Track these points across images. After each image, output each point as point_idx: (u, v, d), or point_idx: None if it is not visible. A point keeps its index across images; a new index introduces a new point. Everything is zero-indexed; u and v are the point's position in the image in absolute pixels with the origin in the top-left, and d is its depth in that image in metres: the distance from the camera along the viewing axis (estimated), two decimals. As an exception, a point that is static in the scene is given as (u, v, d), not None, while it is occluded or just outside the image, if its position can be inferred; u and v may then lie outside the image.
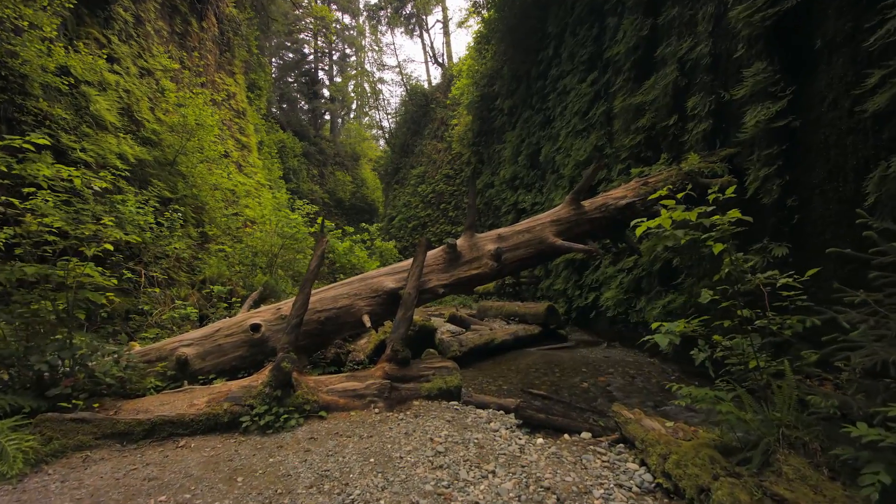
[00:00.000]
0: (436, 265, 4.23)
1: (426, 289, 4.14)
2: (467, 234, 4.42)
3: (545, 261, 4.64)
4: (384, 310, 4.12)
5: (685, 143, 6.24)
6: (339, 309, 3.99)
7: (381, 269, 4.24)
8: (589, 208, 4.62)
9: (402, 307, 3.91)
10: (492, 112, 18.30)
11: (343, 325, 4.02)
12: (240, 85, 17.95)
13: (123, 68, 9.55)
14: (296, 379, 3.35)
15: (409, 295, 3.91)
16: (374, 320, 4.09)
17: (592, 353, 7.23)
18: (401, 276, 4.16)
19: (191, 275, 9.14)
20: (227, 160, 13.16)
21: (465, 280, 4.27)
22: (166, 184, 9.29)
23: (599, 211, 4.60)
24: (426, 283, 4.18)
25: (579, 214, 4.60)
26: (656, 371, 5.86)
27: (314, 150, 40.36)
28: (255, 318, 3.95)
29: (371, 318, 4.03)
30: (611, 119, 9.27)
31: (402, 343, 3.80)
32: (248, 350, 3.86)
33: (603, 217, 4.62)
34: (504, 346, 7.41)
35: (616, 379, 5.44)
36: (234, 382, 3.34)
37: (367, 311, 4.03)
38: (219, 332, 3.90)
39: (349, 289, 4.13)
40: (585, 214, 4.61)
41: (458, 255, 4.32)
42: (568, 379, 5.48)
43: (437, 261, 4.26)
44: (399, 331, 3.85)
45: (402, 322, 3.90)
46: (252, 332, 3.87)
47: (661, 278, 6.69)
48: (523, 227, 4.53)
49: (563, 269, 10.43)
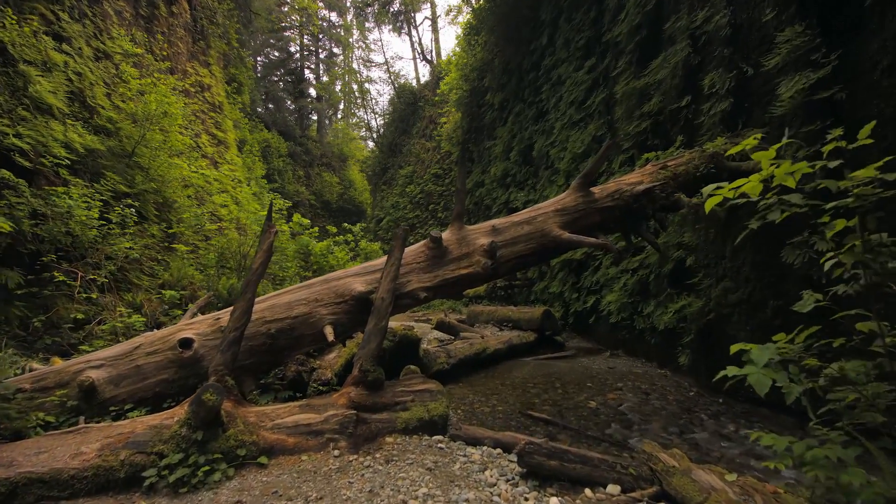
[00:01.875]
0: (416, 264, 3.44)
1: (404, 293, 3.36)
2: (455, 225, 3.65)
3: (548, 258, 3.88)
4: (352, 319, 3.32)
5: (701, 125, 5.53)
6: (294, 319, 3.19)
7: (350, 269, 3.45)
8: (599, 196, 3.88)
9: (374, 316, 3.12)
10: (482, 108, 17.63)
11: (300, 338, 3.21)
12: (216, 77, 17.01)
13: (75, 49, 8.62)
14: (227, 413, 2.55)
15: (383, 300, 3.13)
16: (340, 332, 3.30)
17: (595, 362, 6.49)
18: (373, 276, 3.38)
19: (153, 278, 8.25)
20: (197, 153, 12.23)
21: (453, 281, 3.49)
22: (123, 177, 8.38)
23: (612, 199, 3.86)
24: (404, 285, 3.39)
25: (588, 203, 3.84)
26: (671, 386, 5.13)
27: (300, 150, 39.42)
28: (187, 330, 3.11)
29: (336, 328, 3.24)
30: (611, 107, 8.58)
31: (372, 361, 3.02)
32: (175, 372, 3.04)
33: (616, 206, 3.87)
34: (497, 356, 6.65)
35: (627, 396, 4.69)
36: (143, 420, 2.49)
37: (331, 320, 3.23)
38: (138, 349, 3.05)
39: (308, 293, 3.32)
40: (595, 203, 3.86)
41: (443, 252, 3.54)
42: (572, 396, 4.72)
43: (418, 258, 3.48)
44: (369, 346, 3.06)
45: (373, 335, 3.10)
46: (181, 350, 3.05)
47: (671, 280, 5.98)
48: (522, 218, 3.77)
49: (560, 270, 9.70)
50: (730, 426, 3.84)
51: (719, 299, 5.04)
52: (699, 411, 4.23)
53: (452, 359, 5.79)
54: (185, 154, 11.76)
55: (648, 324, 6.27)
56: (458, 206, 3.65)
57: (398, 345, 4.84)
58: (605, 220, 3.88)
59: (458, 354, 5.91)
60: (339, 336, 3.28)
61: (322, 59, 45.83)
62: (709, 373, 5.12)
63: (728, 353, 5.04)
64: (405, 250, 3.55)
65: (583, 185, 3.90)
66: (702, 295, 5.28)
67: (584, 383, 5.25)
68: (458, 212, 3.65)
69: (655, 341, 6.17)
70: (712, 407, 4.37)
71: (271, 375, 3.94)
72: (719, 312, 4.99)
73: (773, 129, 4.56)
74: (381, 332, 3.09)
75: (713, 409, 4.30)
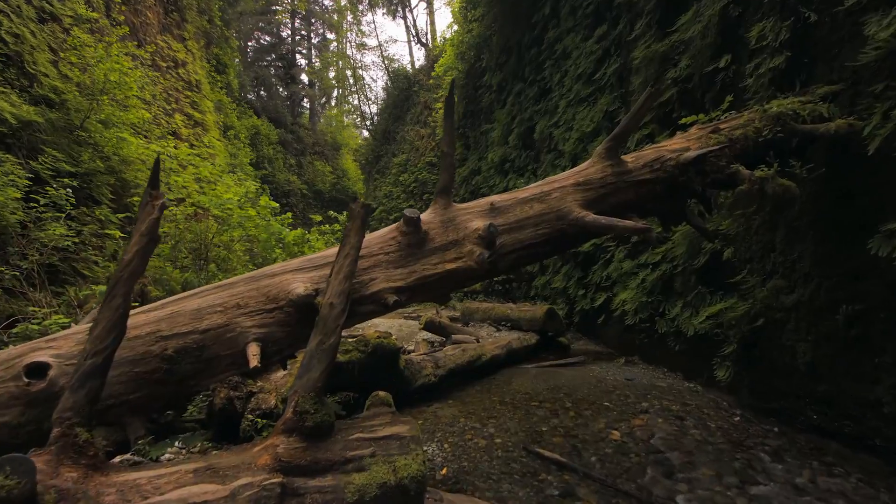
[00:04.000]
0: (384, 255, 2.46)
1: (365, 295, 2.37)
2: (439, 202, 2.66)
3: (564, 248, 2.92)
4: (290, 333, 2.33)
5: (744, 89, 4.54)
6: (204, 333, 2.21)
7: (290, 262, 2.45)
8: (634, 166, 2.89)
9: (318, 330, 2.14)
10: (478, 90, 16.59)
11: (212, 361, 2.23)
12: (193, 54, 15.83)
13: (12, 7, 7.50)
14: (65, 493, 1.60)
15: (331, 307, 2.15)
16: (272, 351, 2.31)
17: (608, 372, 5.54)
18: (322, 273, 2.39)
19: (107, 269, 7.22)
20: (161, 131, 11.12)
21: (435, 279, 2.50)
22: (67, 154, 7.31)
23: (650, 170, 2.88)
24: (365, 284, 2.40)
25: (619, 175, 2.85)
26: (707, 406, 4.19)
27: (291, 138, 38.29)
28: (44, 350, 2.12)
29: (265, 347, 2.26)
30: (624, 79, 7.57)
31: (314, 398, 2.05)
32: (22, 413, 2.06)
33: (656, 179, 2.88)
34: (494, 364, 5.69)
35: (657, 422, 3.74)
36: None
37: (258, 335, 2.25)
38: (-37, 379, 2.09)
39: (227, 296, 2.32)
40: (629, 175, 2.87)
41: (422, 238, 2.54)
42: (588, 422, 3.76)
43: (387, 247, 2.49)
44: (309, 375, 2.08)
45: (315, 358, 2.12)
46: (28, 381, 2.06)
47: (703, 276, 5.02)
48: (531, 194, 2.77)
49: (564, 263, 8.74)
50: (802, 472, 2.90)
51: (768, 301, 4.08)
52: (754, 446, 3.29)
53: (441, 369, 4.83)
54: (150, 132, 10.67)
55: (673, 328, 5.32)
56: (443, 176, 2.65)
57: (371, 357, 3.87)
58: (640, 199, 2.89)
59: (447, 364, 4.94)
60: (269, 357, 2.29)
61: (314, 44, 44.49)
62: (754, 391, 4.18)
63: (778, 367, 4.08)
64: (368, 236, 2.55)
65: (611, 151, 2.90)
66: (745, 296, 4.32)
67: (600, 402, 4.30)
68: (444, 184, 2.65)
69: (681, 348, 5.22)
70: (769, 439, 3.43)
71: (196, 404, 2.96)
72: (770, 318, 4.04)
73: (848, 85, 3.58)
74: (327, 354, 2.12)
75: (770, 442, 3.36)
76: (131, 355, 2.15)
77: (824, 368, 3.59)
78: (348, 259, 2.23)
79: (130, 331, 2.15)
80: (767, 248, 4.29)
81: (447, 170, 2.65)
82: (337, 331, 2.17)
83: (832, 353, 3.59)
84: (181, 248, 6.57)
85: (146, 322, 2.22)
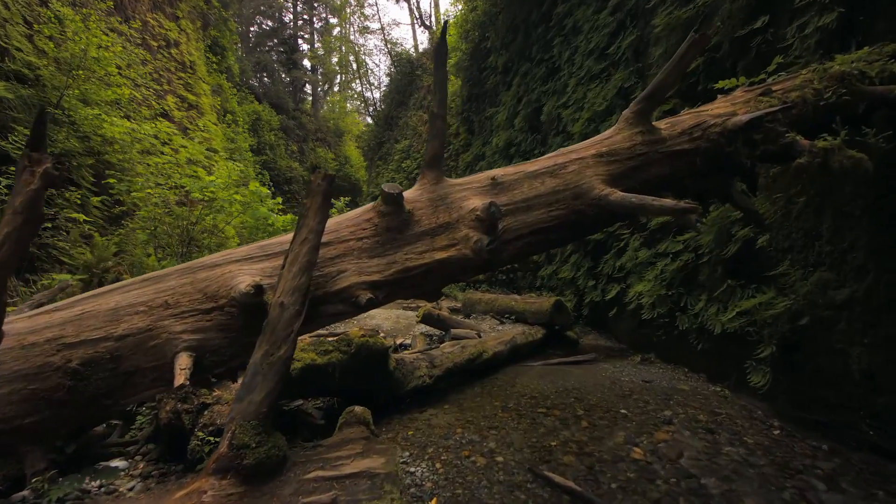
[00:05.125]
0: (356, 241, 1.95)
1: (331, 292, 1.87)
2: (429, 175, 2.13)
3: (583, 234, 2.39)
4: (234, 339, 1.84)
5: (789, 51, 3.96)
6: (120, 340, 1.73)
7: (236, 250, 1.95)
8: (669, 133, 2.35)
9: (265, 338, 1.65)
10: (483, 72, 15.93)
11: (133, 375, 1.75)
12: (187, 34, 15.24)
13: (-20, -26, 6.96)
14: None
15: (282, 308, 1.65)
16: (210, 363, 1.82)
17: (623, 372, 5.04)
18: (276, 263, 1.89)
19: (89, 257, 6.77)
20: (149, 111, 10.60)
21: (422, 272, 1.99)
22: (39, 133, 6.81)
23: (689, 138, 2.34)
24: (332, 279, 1.90)
25: (651, 144, 2.32)
26: (739, 415, 3.68)
27: (293, 124, 37.70)
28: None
29: (200, 357, 1.77)
30: (640, 53, 6.95)
31: (256, 428, 1.56)
32: None
33: (696, 150, 2.34)
34: (496, 362, 5.20)
35: (685, 436, 3.24)
36: None
37: (190, 343, 1.77)
38: None
39: (153, 292, 1.84)
40: (663, 145, 2.33)
41: (405, 220, 2.02)
42: (604, 435, 3.27)
43: (361, 231, 1.98)
44: (251, 397, 1.59)
45: (260, 373, 1.63)
46: None
47: (732, 267, 4.48)
48: (542, 167, 2.24)
49: (572, 252, 8.19)
50: (868, 506, 2.38)
51: (814, 297, 3.54)
52: (804, 470, 2.78)
53: (437, 369, 4.34)
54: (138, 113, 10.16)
55: (696, 324, 4.79)
56: (433, 144, 2.12)
57: (355, 358, 3.38)
58: (676, 174, 2.36)
59: (444, 363, 4.46)
60: (208, 370, 1.80)
61: (317, 28, 43.63)
62: (795, 399, 3.66)
63: (825, 373, 3.54)
64: (337, 218, 2.04)
65: (642, 115, 2.36)
66: (785, 290, 3.78)
67: (615, 409, 3.80)
68: (434, 153, 2.13)
69: (705, 347, 4.70)
70: (818, 459, 2.92)
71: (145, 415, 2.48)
72: (815, 316, 3.50)
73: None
74: (276, 369, 1.62)
75: (822, 464, 2.85)
76: (25, 368, 1.66)
77: (884, 377, 3.07)
78: (306, 246, 1.72)
79: (26, 336, 1.66)
80: (811, 236, 3.74)
81: (437, 135, 2.12)
82: (289, 339, 1.67)
83: (894, 359, 3.07)
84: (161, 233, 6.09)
85: (48, 325, 1.73)
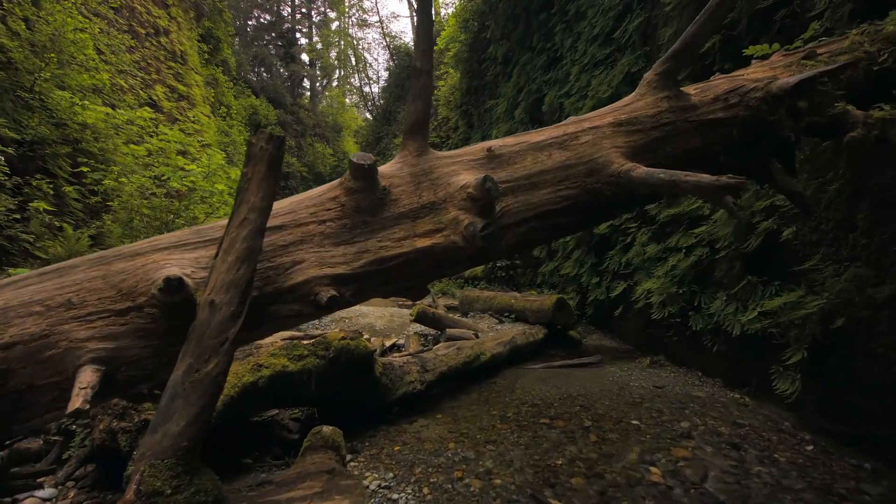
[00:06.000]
0: (317, 223, 1.55)
1: (283, 288, 1.48)
2: (411, 146, 1.73)
3: (596, 218, 1.94)
4: (158, 349, 1.46)
5: (824, 17, 3.55)
6: (7, 349, 1.34)
7: (165, 236, 1.56)
8: (700, 99, 1.97)
9: (189, 348, 1.26)
10: (483, 64, 15.56)
11: (24, 395, 1.36)
12: (178, 22, 14.79)
13: (-54, -50, 6.54)
14: None
15: (212, 308, 1.26)
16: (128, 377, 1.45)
17: (631, 376, 4.66)
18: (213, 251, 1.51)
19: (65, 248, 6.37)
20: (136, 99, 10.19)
21: (400, 263, 1.61)
22: (8, 118, 6.42)
23: (723, 105, 1.95)
24: (286, 271, 1.51)
25: (679, 112, 1.93)
26: (766, 427, 3.30)
27: (291, 119, 37.32)
28: None
29: (116, 370, 1.40)
30: (648, 36, 6.55)
31: (174, 467, 1.19)
32: None
33: (732, 120, 1.95)
34: (495, 364, 4.82)
35: (707, 453, 2.86)
36: None
37: (99, 352, 1.39)
38: None
39: (54, 287, 1.45)
40: (693, 113, 1.95)
41: (379, 199, 1.63)
42: (616, 451, 2.89)
43: (324, 213, 1.58)
44: (168, 427, 1.21)
45: (180, 395, 1.24)
46: None
47: (753, 263, 4.09)
48: (550, 137, 1.85)
49: (575, 247, 7.81)
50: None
51: (849, 295, 3.16)
52: (847, 495, 2.40)
53: (429, 373, 3.96)
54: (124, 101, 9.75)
55: (711, 324, 4.41)
56: (415, 106, 1.72)
57: (334, 364, 3.00)
58: (708, 148, 1.97)
59: (437, 367, 4.07)
60: (126, 387, 1.41)
61: (315, 22, 43.16)
62: (827, 410, 3.28)
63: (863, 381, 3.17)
64: (296, 197, 1.65)
65: (668, 77, 1.97)
66: (815, 287, 3.39)
67: (626, 419, 3.42)
68: (417, 119, 1.73)
69: (721, 350, 4.32)
70: (862, 481, 2.55)
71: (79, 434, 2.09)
72: (852, 317, 3.12)
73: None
74: (203, 389, 1.23)
75: (868, 488, 2.47)
76: None
77: (937, 387, 2.69)
78: (246, 229, 1.33)
79: None
80: (844, 227, 3.35)
81: (422, 95, 1.72)
82: (222, 349, 1.28)
83: (948, 367, 2.69)
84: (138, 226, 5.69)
85: None
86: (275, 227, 1.52)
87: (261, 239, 1.37)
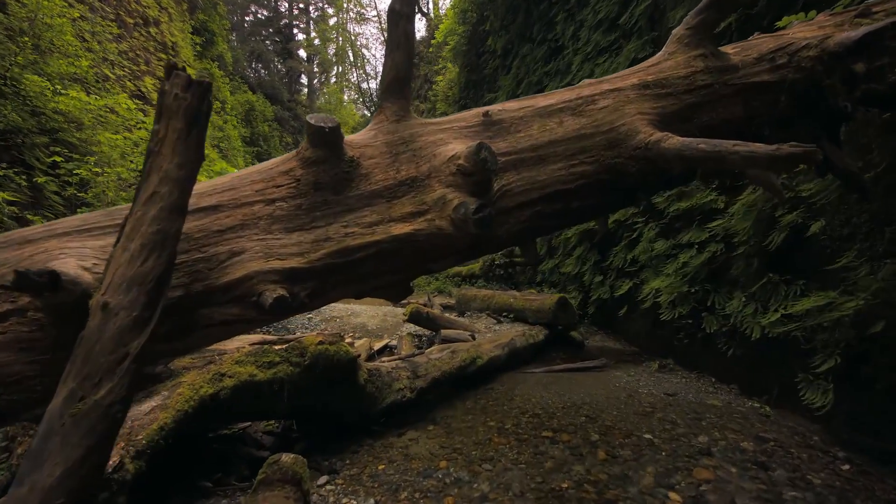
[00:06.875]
0: (265, 203, 1.23)
1: (217, 286, 1.15)
2: (389, 108, 1.40)
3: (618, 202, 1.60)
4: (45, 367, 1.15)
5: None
6: None
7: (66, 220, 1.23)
8: (741, 60, 1.63)
9: (74, 367, 0.93)
10: (481, 57, 15.24)
11: None
12: (170, 14, 14.40)
13: (-89, -74, 6.15)
14: None
15: (106, 314, 0.94)
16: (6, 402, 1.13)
17: (640, 381, 4.33)
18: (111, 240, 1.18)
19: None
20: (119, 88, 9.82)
21: (370, 255, 1.27)
22: (-22, 107, 6.05)
23: (769, 66, 1.62)
24: (221, 263, 1.18)
25: (716, 72, 1.60)
26: (793, 442, 2.96)
27: (288, 115, 36.98)
28: None
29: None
30: (656, 21, 6.21)
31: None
32: None
33: (779, 83, 1.62)
34: (492, 368, 4.49)
35: (731, 474, 2.52)
36: None
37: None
38: None
39: None
40: (733, 74, 1.61)
41: (345, 174, 1.29)
42: (629, 473, 2.55)
43: (273, 190, 1.26)
44: (36, 477, 0.89)
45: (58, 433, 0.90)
46: None
47: (773, 261, 3.75)
48: (561, 101, 1.51)
49: (577, 243, 7.47)
50: None
51: (889, 297, 2.82)
52: (901, 528, 2.06)
53: (420, 379, 3.62)
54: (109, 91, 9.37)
55: (727, 326, 4.08)
56: (395, 58, 1.37)
57: (310, 372, 2.65)
58: (751, 117, 1.63)
59: (430, 372, 3.74)
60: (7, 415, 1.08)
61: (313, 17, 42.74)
62: (861, 423, 2.95)
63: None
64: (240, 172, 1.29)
65: (702, 31, 1.63)
66: (847, 287, 3.06)
67: (638, 432, 3.09)
68: (397, 75, 1.38)
69: (738, 354, 3.99)
70: (913, 510, 2.21)
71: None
72: (893, 319, 2.78)
73: None
74: (91, 425, 0.90)
75: (922, 519, 2.13)
76: None
77: None
78: (156, 206, 0.99)
79: None
80: (880, 220, 3.01)
81: (401, 46, 1.37)
82: (119, 368, 0.93)
83: None
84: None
85: None
86: (208, 208, 1.18)
87: (179, 220, 1.03)
